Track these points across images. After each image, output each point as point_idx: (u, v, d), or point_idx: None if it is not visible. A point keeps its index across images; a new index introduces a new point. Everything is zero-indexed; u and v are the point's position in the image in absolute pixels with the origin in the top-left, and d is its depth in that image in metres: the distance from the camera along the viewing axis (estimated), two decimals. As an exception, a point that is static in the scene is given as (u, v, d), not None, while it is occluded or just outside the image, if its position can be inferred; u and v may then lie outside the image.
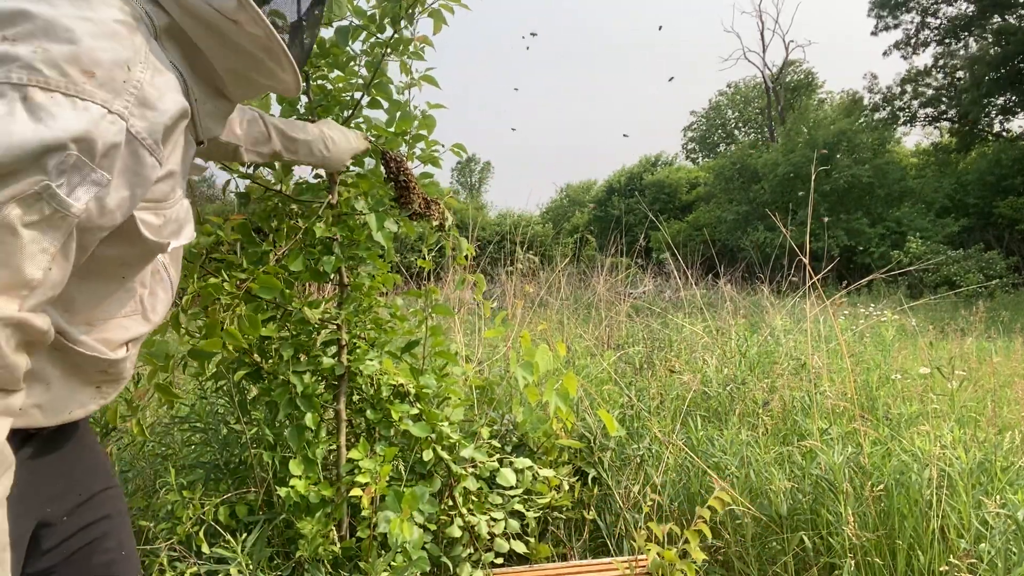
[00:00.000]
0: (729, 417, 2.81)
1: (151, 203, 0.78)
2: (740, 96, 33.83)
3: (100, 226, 0.70)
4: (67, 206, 0.64)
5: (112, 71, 0.67)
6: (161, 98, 0.73)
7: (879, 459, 2.14)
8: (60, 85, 0.63)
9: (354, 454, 1.77)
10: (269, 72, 0.90)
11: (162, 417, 2.58)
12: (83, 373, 0.84)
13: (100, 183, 0.67)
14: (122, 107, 0.68)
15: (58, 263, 0.66)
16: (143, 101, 0.70)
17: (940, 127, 25.20)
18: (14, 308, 0.62)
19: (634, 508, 2.28)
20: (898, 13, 24.14)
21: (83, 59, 0.65)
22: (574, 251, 11.25)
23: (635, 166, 32.59)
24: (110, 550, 0.94)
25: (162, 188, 0.79)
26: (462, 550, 1.92)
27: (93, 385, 0.86)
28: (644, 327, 4.67)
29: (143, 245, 0.80)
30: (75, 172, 0.64)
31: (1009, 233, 16.93)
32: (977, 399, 3.20)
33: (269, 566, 1.76)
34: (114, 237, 0.76)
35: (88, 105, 0.64)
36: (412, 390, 1.91)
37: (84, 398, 0.85)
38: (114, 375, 0.88)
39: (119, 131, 0.67)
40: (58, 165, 0.62)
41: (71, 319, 0.80)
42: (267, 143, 1.33)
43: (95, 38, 0.66)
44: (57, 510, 0.87)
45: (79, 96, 0.64)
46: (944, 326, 5.95)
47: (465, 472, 1.95)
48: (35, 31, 0.64)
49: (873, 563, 1.87)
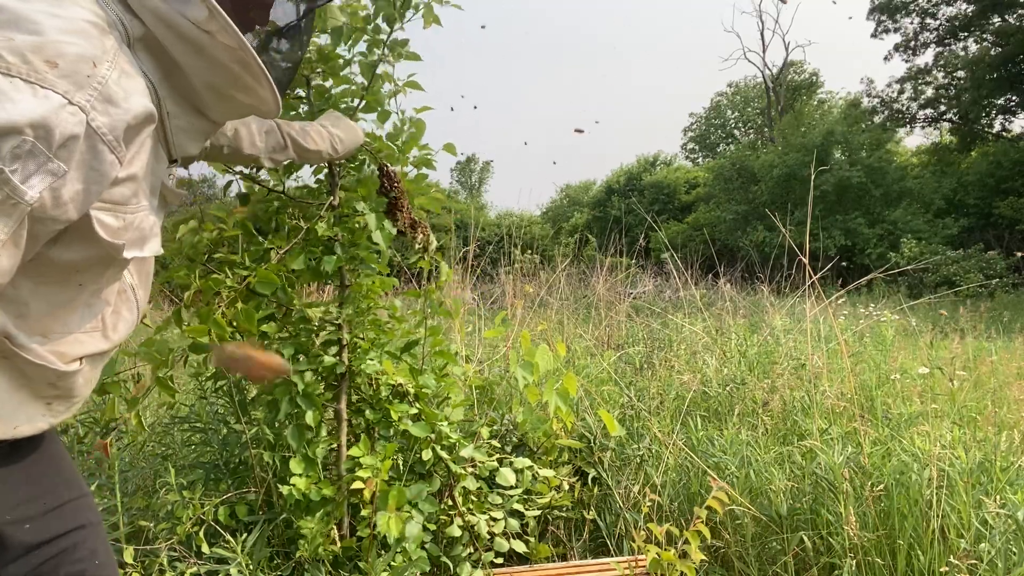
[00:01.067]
0: (729, 417, 2.81)
1: (109, 204, 0.76)
2: (740, 96, 33.85)
3: (53, 217, 0.69)
4: (20, 193, 0.63)
5: (76, 64, 0.67)
6: (126, 98, 0.72)
7: (879, 459, 2.14)
8: (21, 72, 0.63)
9: (355, 451, 1.77)
10: (247, 88, 0.88)
11: (162, 417, 2.58)
12: (32, 385, 0.81)
13: (56, 173, 0.66)
14: (84, 100, 0.67)
15: (7, 250, 0.65)
16: (107, 97, 0.70)
17: (940, 127, 25.22)
18: None
19: (634, 508, 2.28)
20: (897, 16, 24.14)
21: (47, 49, 0.65)
22: (574, 251, 11.25)
23: (634, 166, 32.59)
24: (82, 560, 0.91)
25: (122, 191, 0.77)
26: (462, 550, 1.92)
27: (43, 400, 0.83)
28: (644, 327, 4.68)
29: (98, 247, 0.78)
30: (30, 159, 0.63)
31: (1009, 233, 16.93)
32: (977, 399, 3.21)
33: (269, 566, 1.76)
34: (70, 237, 0.75)
35: (48, 93, 0.64)
36: (411, 390, 1.91)
37: (32, 413, 0.82)
38: (64, 390, 0.84)
39: (79, 123, 0.67)
40: (13, 150, 0.62)
41: (24, 325, 0.78)
42: (284, 151, 1.38)
43: (62, 32, 0.67)
44: (16, 519, 0.84)
45: (40, 84, 0.63)
46: (944, 326, 5.95)
47: (465, 472, 1.95)
48: (2, 22, 0.64)
49: (873, 563, 1.87)
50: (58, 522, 0.89)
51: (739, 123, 34.49)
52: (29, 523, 0.85)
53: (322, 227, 1.73)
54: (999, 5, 20.79)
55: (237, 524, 1.83)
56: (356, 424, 2.00)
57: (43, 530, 0.87)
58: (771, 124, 28.30)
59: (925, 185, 19.65)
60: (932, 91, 23.71)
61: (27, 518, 0.85)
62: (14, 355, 0.77)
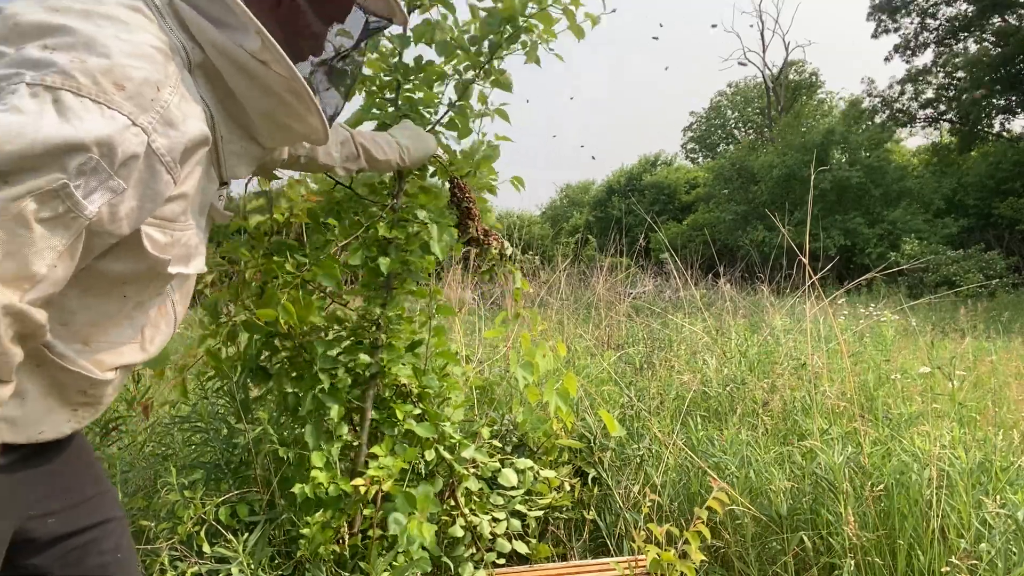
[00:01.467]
0: (729, 417, 2.82)
1: (159, 220, 0.80)
2: (740, 96, 33.84)
3: (108, 232, 0.72)
4: (81, 208, 0.66)
5: (141, 88, 0.70)
6: (184, 121, 0.76)
7: (879, 459, 2.14)
8: (91, 92, 0.66)
9: (376, 450, 1.78)
10: (298, 116, 0.92)
11: (162, 417, 2.58)
12: (63, 392, 0.82)
13: (115, 190, 0.69)
14: (146, 122, 0.70)
15: (63, 261, 0.67)
16: (167, 120, 0.73)
17: (940, 127, 25.22)
18: (16, 299, 0.63)
19: (634, 508, 2.29)
20: (897, 16, 24.13)
21: (116, 73, 0.68)
22: (574, 251, 11.25)
23: (634, 166, 32.57)
24: (106, 552, 0.94)
25: (172, 208, 0.81)
26: (464, 550, 1.92)
27: (70, 407, 0.85)
28: (644, 327, 4.68)
29: (145, 261, 0.81)
30: (93, 176, 0.66)
31: (1009, 233, 16.93)
32: (977, 399, 3.21)
33: (270, 565, 1.76)
34: (120, 250, 0.78)
35: (115, 114, 0.67)
36: (415, 390, 1.92)
37: (58, 419, 0.84)
38: (94, 398, 0.87)
39: (140, 143, 0.70)
40: (79, 166, 0.65)
41: (65, 333, 0.80)
42: (356, 160, 1.46)
43: (130, 57, 0.70)
44: (41, 514, 0.87)
45: (107, 105, 0.67)
46: (944, 326, 5.95)
47: (467, 472, 1.95)
48: (75, 44, 0.68)
49: (873, 563, 1.87)
50: (82, 517, 0.92)
51: (739, 123, 34.48)
52: (53, 517, 0.88)
53: (382, 227, 1.76)
54: (999, 5, 20.78)
55: (238, 524, 1.83)
56: (355, 423, 2.00)
57: (67, 524, 0.90)
58: (771, 124, 28.30)
59: (925, 185, 19.66)
60: (932, 92, 23.71)
61: (51, 512, 0.88)
62: (50, 363, 0.79)
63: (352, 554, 1.80)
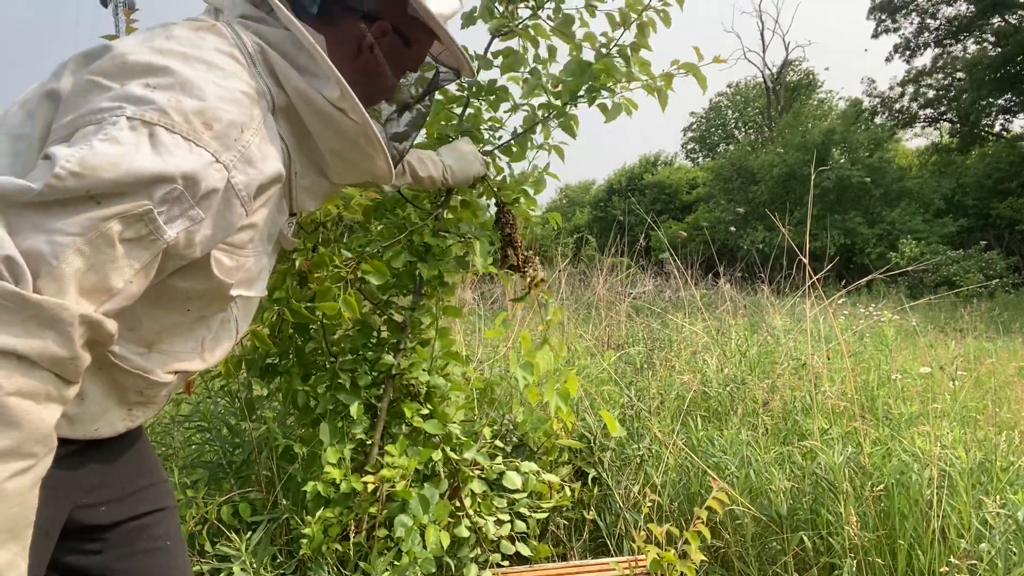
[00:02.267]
0: (729, 417, 2.82)
1: (228, 246, 0.86)
2: (740, 96, 33.82)
3: (182, 255, 0.78)
4: (161, 232, 0.73)
5: (228, 129, 0.78)
6: (263, 160, 0.84)
7: (879, 459, 2.14)
8: (183, 130, 0.74)
9: (391, 449, 1.79)
10: (367, 157, 0.99)
11: (162, 417, 2.58)
12: (121, 392, 0.88)
13: (194, 219, 0.76)
14: (229, 160, 0.78)
15: (139, 278, 0.74)
16: (247, 159, 0.81)
17: (940, 128, 25.22)
18: (92, 309, 0.69)
19: (634, 508, 2.29)
20: (897, 16, 24.12)
21: (207, 114, 0.76)
22: (574, 251, 11.25)
23: (635, 166, 32.55)
24: (156, 538, 1.00)
25: (242, 236, 0.87)
26: (468, 551, 1.92)
27: (126, 407, 0.90)
28: (644, 327, 4.68)
29: (211, 282, 0.87)
30: (176, 205, 0.73)
31: (1009, 233, 16.93)
32: (977, 399, 3.21)
33: (272, 564, 1.76)
34: (189, 269, 0.84)
35: (202, 151, 0.75)
36: (423, 389, 1.93)
37: (114, 418, 0.89)
38: (149, 398, 0.92)
39: (221, 179, 0.78)
40: (164, 195, 0.72)
41: (131, 337, 0.85)
42: (402, 176, 1.53)
43: (221, 100, 0.78)
44: (92, 503, 0.92)
45: (196, 142, 0.75)
46: (944, 326, 5.95)
47: (472, 474, 1.96)
48: (174, 84, 0.76)
49: (873, 563, 1.87)
50: (134, 506, 0.98)
51: (739, 123, 34.46)
52: (104, 506, 0.94)
53: (426, 234, 1.80)
54: (999, 5, 20.77)
55: (240, 523, 1.83)
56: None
57: (118, 513, 0.96)
58: (771, 124, 28.29)
59: (925, 185, 19.65)
60: (932, 92, 23.70)
61: (102, 502, 0.94)
62: (112, 366, 0.84)
63: (355, 553, 1.81)
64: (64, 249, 0.66)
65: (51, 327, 0.65)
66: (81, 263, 0.67)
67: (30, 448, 0.65)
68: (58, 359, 0.66)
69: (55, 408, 0.68)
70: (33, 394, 0.65)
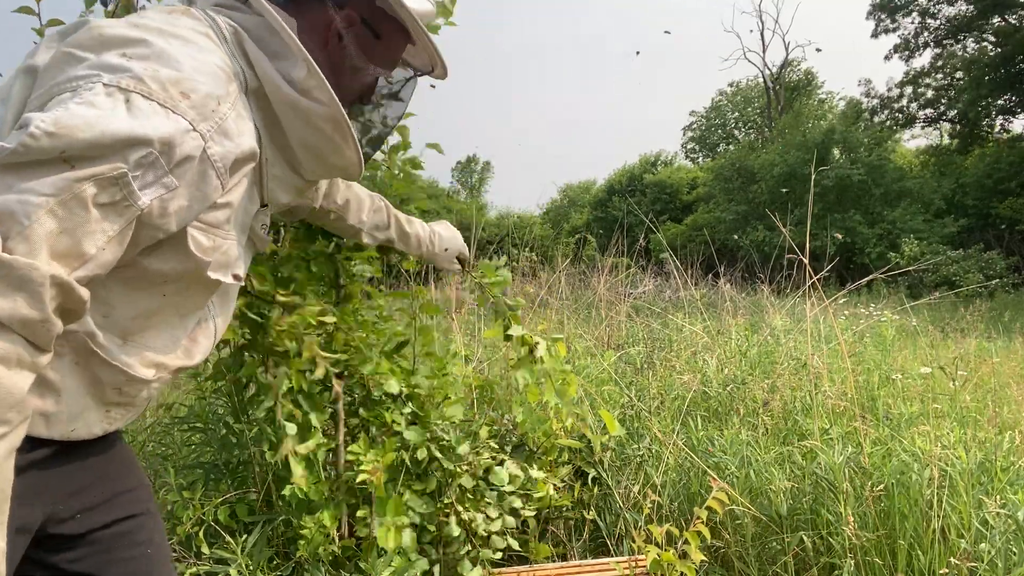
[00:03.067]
0: (729, 417, 2.81)
1: (205, 224, 0.86)
2: (741, 96, 33.84)
3: (156, 225, 0.77)
4: (136, 198, 0.72)
5: (205, 100, 0.78)
6: (239, 135, 0.83)
7: (879, 459, 2.14)
8: (159, 97, 0.74)
9: (354, 448, 1.77)
10: (335, 149, 0.98)
11: (162, 417, 2.58)
12: (100, 389, 0.86)
13: (168, 187, 0.75)
14: (205, 129, 0.78)
15: (112, 246, 0.73)
16: (223, 131, 0.80)
17: (940, 128, 25.22)
18: (64, 272, 0.68)
19: (634, 508, 2.28)
20: (897, 16, 24.12)
21: (184, 84, 0.76)
22: (574, 251, 11.25)
23: (635, 166, 32.58)
24: (139, 544, 0.98)
25: (217, 215, 0.87)
26: (459, 547, 1.92)
27: (104, 407, 0.88)
28: (644, 327, 4.67)
29: (188, 262, 0.86)
30: (150, 170, 0.73)
31: (1009, 233, 16.93)
32: (977, 399, 3.20)
33: (269, 566, 1.75)
34: (166, 249, 0.84)
35: (178, 118, 0.75)
36: (404, 391, 1.92)
37: (92, 419, 0.87)
38: (128, 397, 0.90)
39: (197, 147, 0.77)
40: (139, 159, 0.71)
41: (107, 325, 0.84)
42: (385, 230, 1.53)
43: (197, 72, 0.78)
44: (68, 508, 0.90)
45: (173, 109, 0.74)
46: (944, 326, 5.94)
47: (460, 470, 1.95)
48: (150, 55, 0.76)
49: (873, 563, 1.86)
50: (112, 511, 0.95)
51: (739, 123, 34.47)
52: (81, 513, 0.91)
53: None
54: (999, 5, 20.77)
55: (237, 524, 1.82)
56: (353, 425, 2.00)
57: (96, 519, 0.93)
58: (771, 124, 28.29)
59: (925, 185, 19.65)
60: (932, 92, 23.70)
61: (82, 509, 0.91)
62: (92, 356, 0.83)
63: (347, 555, 1.80)
64: (36, 210, 0.64)
65: (21, 288, 0.63)
66: (54, 225, 0.66)
67: (3, 414, 0.64)
68: (29, 321, 0.64)
69: (27, 375, 0.67)
70: (4, 359, 0.63)
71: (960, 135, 23.53)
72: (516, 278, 5.19)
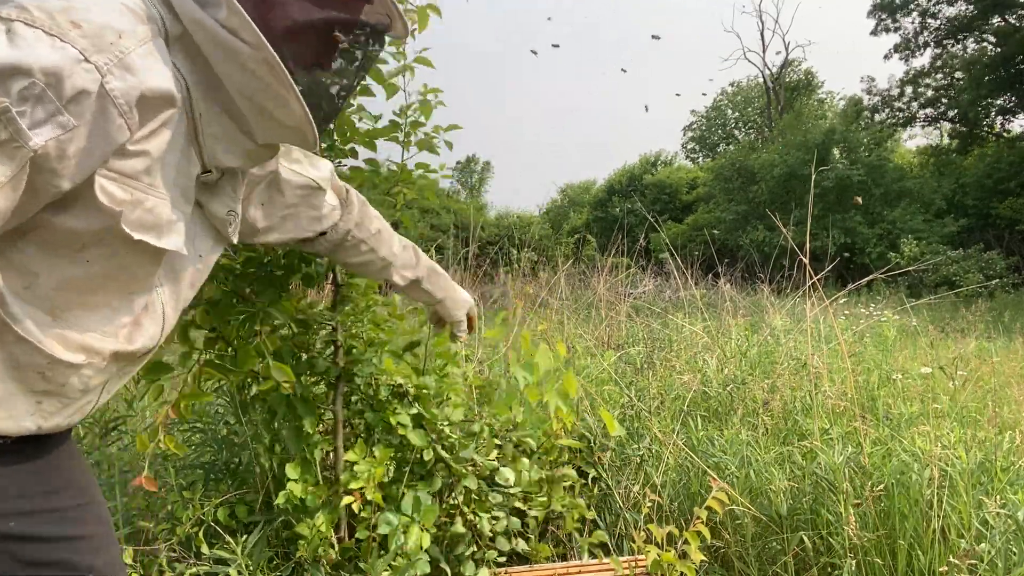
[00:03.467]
0: (729, 417, 2.81)
1: (116, 173, 0.76)
2: (741, 96, 33.83)
3: (54, 170, 0.70)
4: (25, 137, 0.65)
5: (101, 31, 0.70)
6: (147, 71, 0.74)
7: (879, 459, 2.13)
8: (44, 24, 0.67)
9: (351, 455, 1.76)
10: (278, 99, 0.87)
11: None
12: (22, 373, 0.77)
13: (65, 127, 0.68)
14: (101, 61, 0.70)
15: (4, 192, 0.66)
16: (125, 65, 0.72)
17: (940, 127, 25.22)
18: None
19: (634, 508, 2.28)
20: (897, 16, 24.11)
21: (75, 14, 0.69)
22: (574, 251, 11.26)
23: (635, 166, 32.56)
24: (74, 567, 0.87)
25: (133, 164, 0.77)
26: (464, 548, 1.92)
27: (33, 397, 0.79)
28: (644, 327, 4.67)
29: (100, 217, 0.76)
30: (39, 105, 0.66)
31: (1009, 233, 16.93)
32: (977, 399, 3.20)
33: (269, 567, 1.75)
34: (73, 203, 0.75)
35: (66, 47, 0.67)
36: (411, 391, 1.91)
37: (20, 409, 0.78)
38: (55, 384, 0.80)
39: (93, 80, 0.69)
40: (22, 91, 0.64)
41: (30, 297, 0.77)
42: (414, 268, 1.44)
43: (94, 4, 0.71)
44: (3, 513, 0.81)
45: (60, 37, 0.67)
46: (944, 326, 5.94)
47: (465, 471, 1.95)
48: None
49: (873, 563, 1.86)
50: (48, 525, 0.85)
51: (739, 123, 34.47)
52: (13, 520, 0.81)
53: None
54: (999, 5, 20.76)
55: (237, 525, 1.82)
56: (356, 426, 2.00)
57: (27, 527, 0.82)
58: (771, 124, 28.29)
59: (925, 185, 19.65)
60: (932, 92, 23.70)
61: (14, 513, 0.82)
62: (5, 329, 0.75)
63: (347, 556, 1.80)
64: None
65: None
66: None
67: None
68: None
69: None
70: None
71: (960, 135, 23.53)
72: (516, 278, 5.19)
